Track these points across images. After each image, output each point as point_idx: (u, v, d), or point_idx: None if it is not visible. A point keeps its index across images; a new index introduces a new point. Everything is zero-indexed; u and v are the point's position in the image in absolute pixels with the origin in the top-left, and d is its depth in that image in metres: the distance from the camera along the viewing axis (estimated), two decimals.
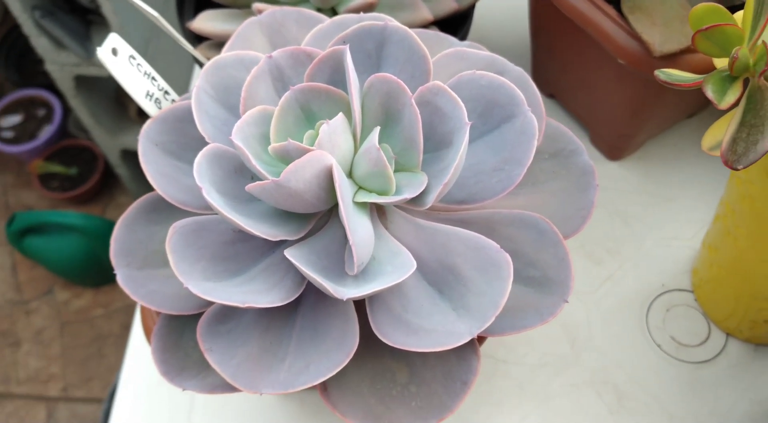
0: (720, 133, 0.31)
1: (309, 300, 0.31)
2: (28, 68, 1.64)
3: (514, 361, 0.48)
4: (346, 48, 0.30)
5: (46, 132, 1.53)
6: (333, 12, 0.49)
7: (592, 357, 0.48)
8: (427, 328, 0.28)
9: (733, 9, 0.43)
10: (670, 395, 0.46)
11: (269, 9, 0.37)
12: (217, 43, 0.49)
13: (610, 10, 0.42)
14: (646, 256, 0.51)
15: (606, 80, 0.48)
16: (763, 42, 0.27)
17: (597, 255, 0.52)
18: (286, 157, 0.30)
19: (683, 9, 0.42)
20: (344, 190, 0.27)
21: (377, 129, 0.30)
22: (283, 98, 0.31)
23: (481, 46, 0.39)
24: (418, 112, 0.29)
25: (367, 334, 0.30)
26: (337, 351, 0.29)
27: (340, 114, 0.30)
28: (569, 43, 0.49)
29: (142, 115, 1.39)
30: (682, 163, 0.55)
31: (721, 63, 0.32)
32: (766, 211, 0.35)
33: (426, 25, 0.49)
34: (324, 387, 0.30)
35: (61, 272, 1.42)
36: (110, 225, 1.36)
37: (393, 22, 0.32)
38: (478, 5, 0.52)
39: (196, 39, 0.51)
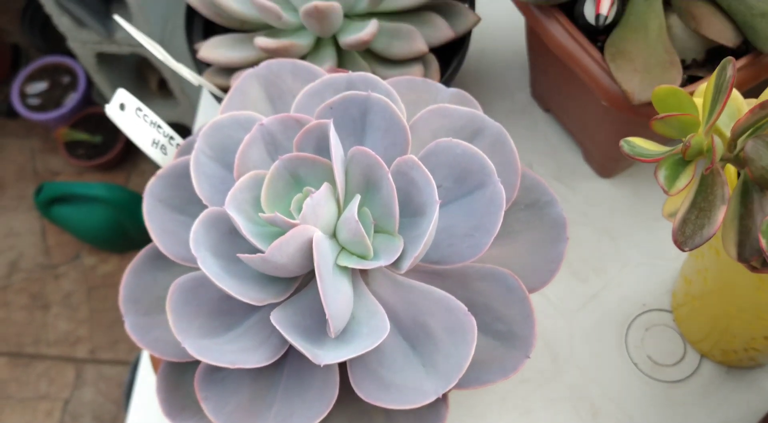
0: (678, 203, 0.33)
1: (296, 350, 0.34)
2: (53, 35, 1.67)
3: None
4: (330, 123, 0.33)
5: (71, 100, 1.56)
6: (334, 40, 0.51)
7: (572, 373, 0.51)
8: (399, 384, 0.32)
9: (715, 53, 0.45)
10: (643, 413, 0.49)
11: (264, 62, 0.39)
12: (223, 69, 0.52)
13: (595, 52, 0.44)
14: (630, 275, 0.54)
15: (593, 112, 0.50)
16: (712, 135, 0.29)
17: (583, 273, 0.54)
18: (275, 225, 0.33)
19: (667, 54, 0.43)
20: (323, 267, 0.30)
21: (357, 198, 0.33)
22: (272, 167, 0.33)
23: (467, 94, 0.41)
24: (394, 186, 0.32)
25: (348, 380, 0.33)
26: (319, 401, 0.32)
27: (324, 185, 0.32)
28: (561, 73, 0.50)
29: (163, 88, 1.42)
30: None
31: None
32: (728, 264, 0.38)
33: (422, 55, 0.51)
34: None
35: (88, 239, 1.48)
36: (133, 195, 1.40)
37: (375, 95, 0.34)
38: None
39: (204, 62, 0.53)
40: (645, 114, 0.43)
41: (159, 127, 0.40)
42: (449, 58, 0.53)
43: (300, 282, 0.34)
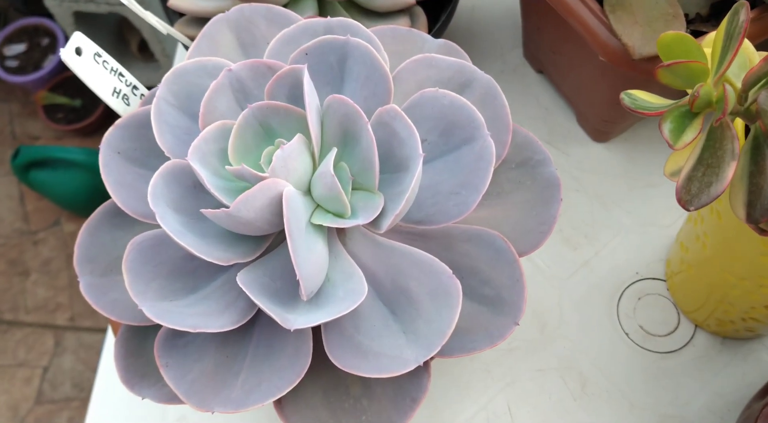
0: (681, 160, 0.31)
1: (266, 315, 0.32)
2: None
3: None
4: (304, 68, 0.30)
5: (51, 62, 1.52)
6: None
7: (561, 343, 0.49)
8: (377, 352, 0.29)
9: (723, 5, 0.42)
10: (633, 384, 0.47)
11: (236, 6, 0.36)
12: (195, 19, 0.48)
13: (593, 3, 0.41)
14: (623, 242, 0.51)
15: (589, 69, 0.47)
16: (724, 83, 0.27)
17: (574, 240, 0.52)
18: (243, 179, 0.30)
19: (670, 6, 0.40)
20: (293, 224, 0.28)
21: (333, 151, 0.30)
22: (241, 116, 0.30)
23: (455, 45, 0.38)
24: (374, 137, 0.29)
25: (322, 346, 0.31)
26: (290, 369, 0.30)
27: (297, 137, 0.30)
28: (556, 29, 0.48)
29: (144, 51, 1.37)
30: (669, 148, 0.54)
31: None
32: (731, 228, 0.35)
33: (409, 7, 0.48)
34: (278, 398, 0.31)
35: (66, 205, 1.44)
36: None
37: (354, 39, 0.31)
38: None
39: (176, 13, 0.50)
40: (645, 70, 0.40)
41: (121, 75, 0.37)
42: (437, 14, 0.50)
43: (270, 242, 0.32)
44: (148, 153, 0.34)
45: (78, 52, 0.34)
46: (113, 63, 0.36)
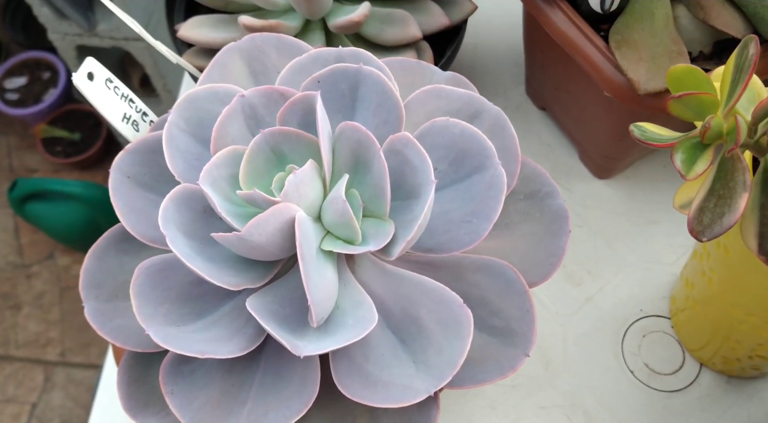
0: (692, 192, 0.31)
1: (274, 342, 0.31)
2: (35, 30, 1.63)
3: None
4: (317, 95, 0.30)
5: (51, 95, 1.53)
6: (323, 23, 0.49)
7: (565, 379, 0.48)
8: (386, 381, 0.29)
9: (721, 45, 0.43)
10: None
11: (248, 36, 0.36)
12: (204, 50, 0.49)
13: (599, 41, 0.42)
14: (627, 279, 0.51)
15: (594, 106, 0.47)
16: (735, 115, 0.27)
17: (578, 276, 0.52)
18: (254, 204, 0.30)
19: (674, 44, 0.41)
20: (306, 248, 0.27)
21: (345, 177, 0.30)
22: (252, 141, 0.30)
23: (463, 78, 0.38)
24: (386, 165, 0.29)
25: (330, 376, 0.30)
26: (297, 399, 0.29)
27: (309, 162, 0.30)
28: (560, 66, 0.48)
29: (145, 86, 1.38)
30: (669, 185, 0.54)
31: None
32: (738, 263, 0.35)
33: (415, 41, 0.48)
34: None
35: (62, 239, 1.44)
36: None
37: (367, 67, 0.32)
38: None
39: (185, 44, 0.50)
40: (649, 105, 0.41)
41: (131, 101, 0.37)
42: (443, 50, 0.51)
43: (280, 268, 0.31)
44: (158, 178, 0.33)
45: (90, 76, 0.35)
46: (124, 89, 0.36)
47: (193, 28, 0.48)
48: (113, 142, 1.54)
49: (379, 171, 0.30)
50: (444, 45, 0.51)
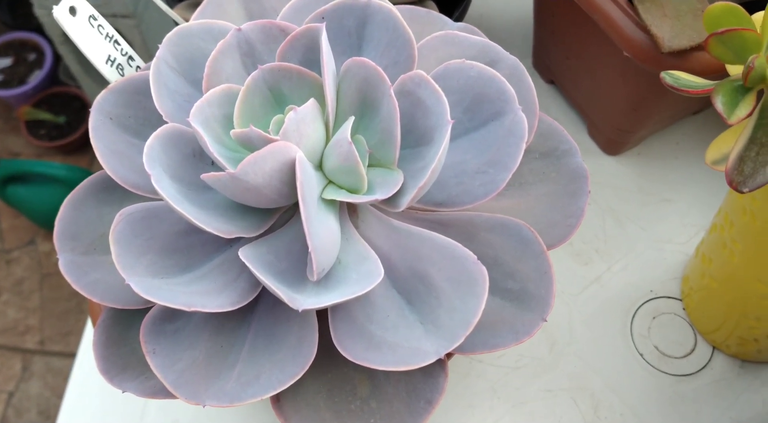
0: (726, 146, 0.29)
1: (268, 300, 0.28)
2: (22, 10, 1.59)
3: (489, 362, 0.46)
4: (322, 26, 0.27)
5: (36, 77, 1.49)
6: None
7: (571, 362, 0.45)
8: (391, 343, 0.26)
9: (749, 6, 0.40)
10: (648, 408, 0.44)
11: None
12: (196, 4, 0.46)
13: None
14: (636, 259, 0.49)
15: (609, 72, 0.45)
16: None
17: (585, 255, 0.49)
18: (249, 145, 0.27)
19: (699, 2, 0.38)
20: (307, 189, 0.25)
21: (351, 119, 0.27)
22: (249, 78, 0.28)
23: (476, 29, 0.35)
24: (397, 105, 0.26)
25: (328, 340, 0.27)
26: (292, 362, 0.26)
27: (311, 100, 0.27)
28: (574, 28, 0.46)
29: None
30: (682, 163, 0.52)
31: (734, 69, 0.29)
32: (766, 230, 0.33)
33: (421, 0, 0.45)
34: (277, 397, 0.28)
35: (43, 223, 1.40)
36: None
37: (376, 2, 0.29)
38: None
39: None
40: (671, 66, 0.38)
41: (117, 42, 0.34)
42: (449, 14, 0.48)
43: (276, 220, 0.29)
44: (144, 122, 0.31)
45: (72, 11, 0.32)
46: (109, 28, 0.33)
47: None
48: None
49: (388, 113, 0.27)
50: (451, 8, 0.48)
